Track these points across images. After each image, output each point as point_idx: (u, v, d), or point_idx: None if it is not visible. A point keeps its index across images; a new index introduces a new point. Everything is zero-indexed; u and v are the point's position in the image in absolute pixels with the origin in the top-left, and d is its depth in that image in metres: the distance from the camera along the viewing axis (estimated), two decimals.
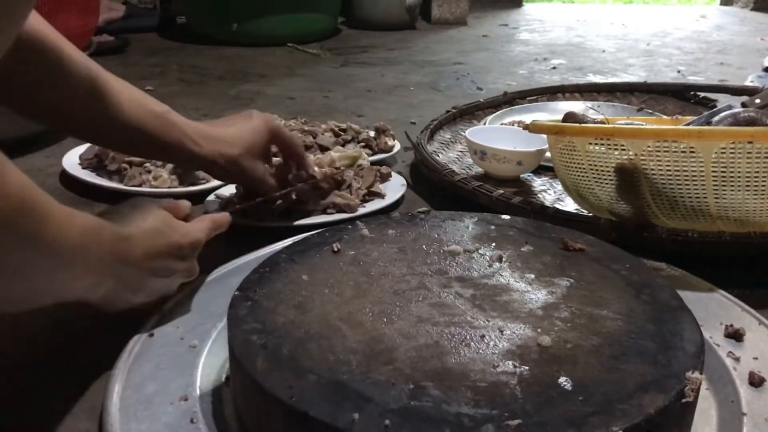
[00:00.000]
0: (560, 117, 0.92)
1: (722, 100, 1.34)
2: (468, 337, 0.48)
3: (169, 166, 0.98)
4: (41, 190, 0.42)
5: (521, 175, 1.06)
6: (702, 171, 0.69)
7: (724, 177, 0.69)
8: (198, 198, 0.95)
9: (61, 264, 0.45)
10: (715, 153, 0.68)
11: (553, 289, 0.55)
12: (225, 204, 0.87)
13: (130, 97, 0.65)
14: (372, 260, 0.59)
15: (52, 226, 0.43)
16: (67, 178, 1.02)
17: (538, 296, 0.54)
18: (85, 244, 0.46)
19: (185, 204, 0.65)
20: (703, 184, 0.70)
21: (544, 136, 0.87)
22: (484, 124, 1.25)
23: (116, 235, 0.51)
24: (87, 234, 0.47)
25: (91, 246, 0.47)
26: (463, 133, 1.17)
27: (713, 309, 0.63)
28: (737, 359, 0.56)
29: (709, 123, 0.83)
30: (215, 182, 1.00)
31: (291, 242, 0.67)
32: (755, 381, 0.53)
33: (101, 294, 0.52)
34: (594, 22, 3.07)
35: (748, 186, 0.69)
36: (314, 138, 1.12)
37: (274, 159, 0.85)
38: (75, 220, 0.46)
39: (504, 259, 0.59)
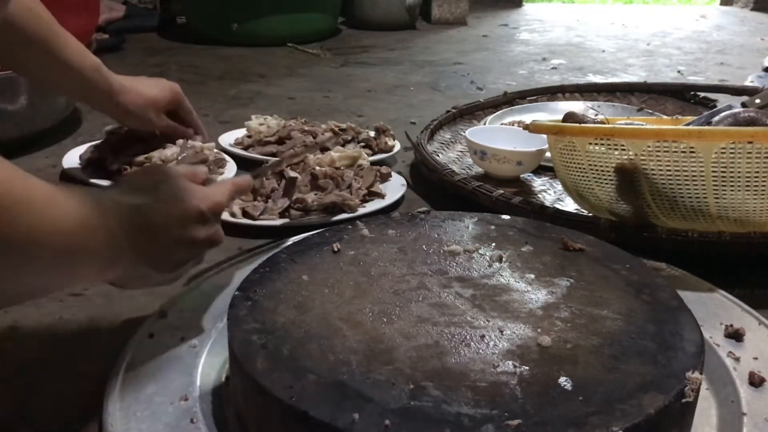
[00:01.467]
0: (560, 117, 0.92)
1: (722, 100, 1.34)
2: (468, 337, 0.48)
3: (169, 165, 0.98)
4: (36, 180, 0.40)
5: (521, 175, 1.06)
6: (702, 171, 0.69)
7: (724, 177, 0.69)
8: None
9: (65, 251, 0.43)
10: (715, 153, 0.68)
11: (553, 289, 0.55)
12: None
13: (76, 47, 0.84)
14: (372, 260, 0.59)
15: (45, 216, 0.41)
16: (67, 178, 1.02)
17: (538, 296, 0.54)
18: (89, 228, 0.45)
19: (202, 169, 0.63)
20: (703, 184, 0.70)
21: (544, 136, 0.87)
22: (484, 124, 1.25)
23: (128, 208, 0.49)
24: (89, 218, 0.45)
25: (95, 228, 0.45)
26: (463, 133, 1.17)
27: (713, 309, 0.63)
28: (737, 359, 0.56)
29: (709, 123, 0.83)
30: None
31: (291, 242, 0.67)
32: (755, 381, 0.53)
33: (119, 273, 0.50)
34: (594, 22, 3.07)
35: (748, 186, 0.69)
36: (314, 138, 1.12)
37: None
38: (72, 205, 0.44)
39: (504, 259, 0.59)
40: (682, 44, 2.50)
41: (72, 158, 1.04)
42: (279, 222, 0.87)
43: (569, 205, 0.93)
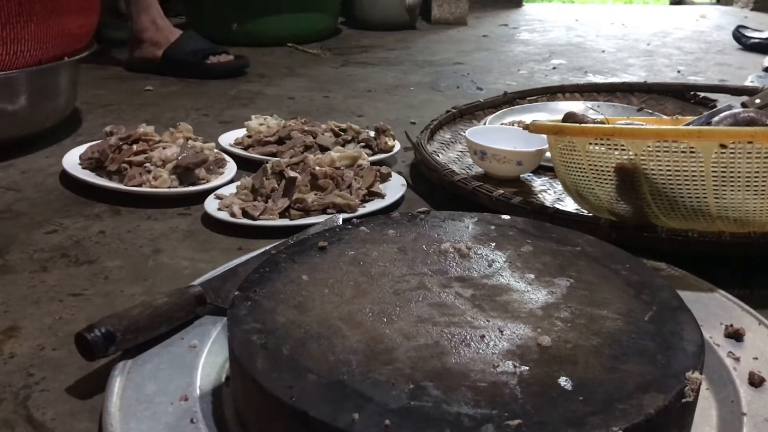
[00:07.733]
0: (560, 117, 0.92)
1: (722, 100, 1.34)
2: (468, 337, 0.48)
3: (170, 165, 0.98)
4: None
5: (521, 175, 1.06)
6: (702, 171, 0.69)
7: (724, 177, 0.69)
8: (198, 198, 0.95)
9: None
10: (715, 153, 0.68)
11: (553, 289, 0.55)
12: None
13: None
14: (372, 260, 0.59)
15: None
16: (67, 178, 1.02)
17: (538, 296, 0.54)
18: None
19: None
20: (703, 184, 0.70)
21: (544, 136, 0.87)
22: (484, 124, 1.25)
23: None
24: None
25: None
26: (463, 133, 1.17)
27: (713, 309, 0.63)
28: (737, 359, 0.56)
29: (709, 123, 0.83)
30: (215, 182, 1.00)
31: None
32: (755, 381, 0.53)
33: None
34: (594, 22, 3.07)
35: (748, 186, 0.69)
36: (314, 138, 1.12)
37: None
38: None
39: (504, 259, 0.59)
40: (682, 44, 2.50)
41: (72, 158, 1.04)
42: (279, 222, 0.87)
43: (569, 205, 0.93)
